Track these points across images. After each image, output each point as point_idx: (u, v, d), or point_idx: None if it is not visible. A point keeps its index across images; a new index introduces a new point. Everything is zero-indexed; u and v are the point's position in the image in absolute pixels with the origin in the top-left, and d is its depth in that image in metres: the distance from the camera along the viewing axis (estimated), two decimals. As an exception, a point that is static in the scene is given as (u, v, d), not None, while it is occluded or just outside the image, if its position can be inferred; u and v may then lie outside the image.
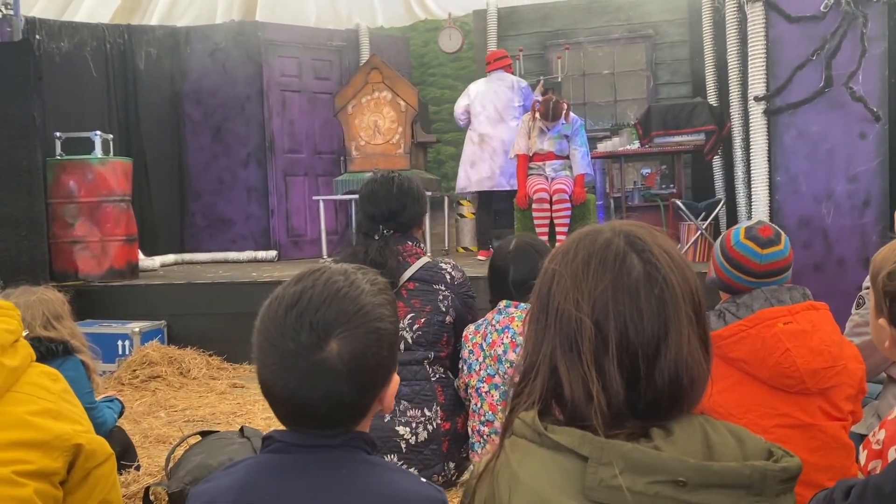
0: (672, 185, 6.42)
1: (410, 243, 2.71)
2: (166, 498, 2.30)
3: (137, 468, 2.83)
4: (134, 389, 4.34)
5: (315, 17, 7.74)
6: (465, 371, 2.56)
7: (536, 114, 5.56)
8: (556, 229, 5.38)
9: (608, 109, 7.69)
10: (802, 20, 4.49)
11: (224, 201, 7.20)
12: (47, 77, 5.67)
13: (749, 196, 4.94)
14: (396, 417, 2.54)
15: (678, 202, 5.66)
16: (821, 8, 4.45)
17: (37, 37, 6.08)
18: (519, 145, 5.66)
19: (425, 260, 2.71)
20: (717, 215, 5.53)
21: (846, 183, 4.52)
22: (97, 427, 2.27)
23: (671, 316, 0.88)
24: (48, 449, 1.27)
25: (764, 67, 4.63)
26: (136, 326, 4.85)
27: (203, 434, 2.71)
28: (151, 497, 2.35)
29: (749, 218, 5.06)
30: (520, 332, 2.33)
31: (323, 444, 1.06)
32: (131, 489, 2.60)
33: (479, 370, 2.51)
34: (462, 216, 7.38)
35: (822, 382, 1.78)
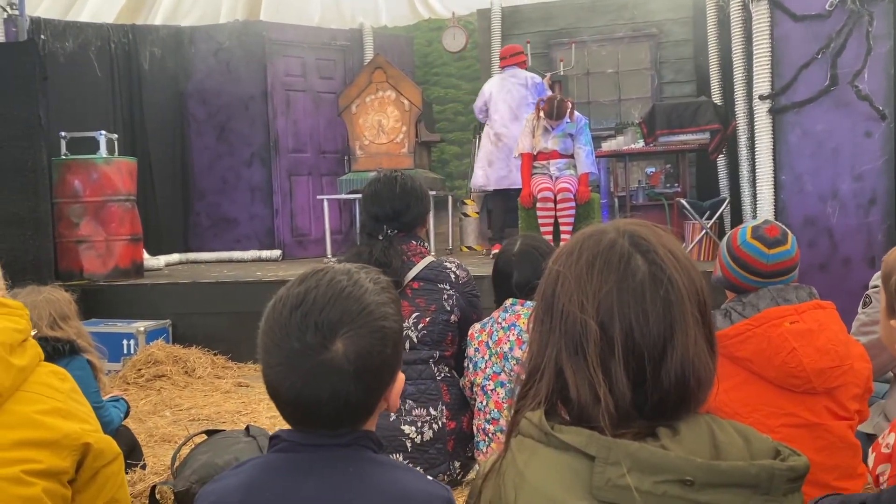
0: (676, 184, 6.41)
1: (415, 243, 2.71)
2: (172, 497, 2.30)
3: (143, 467, 2.84)
4: (139, 388, 4.35)
5: (319, 16, 7.74)
6: (471, 369, 2.56)
7: (541, 112, 5.56)
8: (561, 228, 5.38)
9: (612, 108, 7.68)
10: (808, 18, 4.48)
11: (228, 201, 7.21)
12: (52, 77, 5.68)
13: (754, 195, 4.93)
14: (402, 416, 2.55)
15: (683, 201, 5.66)
16: (826, 6, 4.44)
17: (41, 36, 6.09)
18: (523, 144, 5.67)
19: (430, 259, 2.71)
20: (721, 214, 5.53)
21: (851, 182, 4.51)
22: (104, 426, 2.27)
23: (677, 317, 0.88)
24: (57, 448, 1.28)
25: (769, 66, 4.61)
26: (141, 326, 4.86)
27: (209, 433, 2.71)
28: (157, 496, 2.35)
29: (754, 217, 5.05)
30: (526, 330, 2.33)
31: (330, 444, 1.06)
32: (137, 488, 2.61)
33: (485, 368, 2.51)
34: (466, 215, 7.38)
35: (828, 382, 1.78)
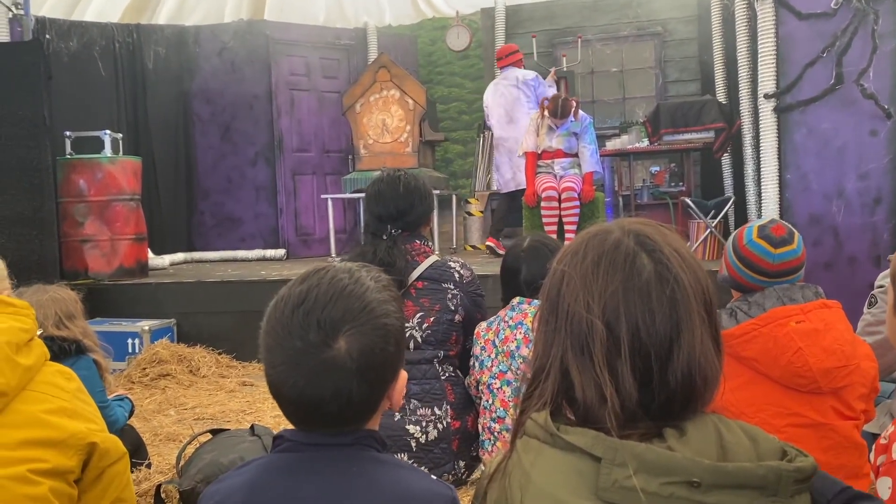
0: (681, 183, 6.40)
1: (419, 242, 2.70)
2: (178, 496, 2.31)
3: (148, 466, 2.84)
4: (144, 387, 4.35)
5: (323, 16, 7.75)
6: (477, 367, 2.56)
7: (545, 111, 5.55)
8: (565, 227, 5.38)
9: (617, 107, 7.67)
10: (813, 17, 4.47)
11: (233, 200, 7.22)
12: (56, 76, 5.69)
13: (759, 194, 4.92)
14: (406, 416, 2.54)
15: (687, 200, 5.65)
16: (831, 5, 4.42)
17: (46, 36, 6.11)
18: (527, 143, 5.66)
19: (434, 259, 2.71)
20: (726, 213, 5.51)
21: (857, 180, 4.49)
22: (109, 426, 2.28)
23: (683, 316, 0.87)
24: (63, 447, 1.28)
25: (774, 64, 4.60)
26: (145, 325, 4.87)
27: (213, 432, 2.72)
28: (163, 495, 2.36)
29: (759, 216, 5.04)
30: (533, 329, 2.33)
31: (333, 443, 1.06)
32: (142, 487, 2.61)
33: (491, 366, 2.51)
34: (470, 214, 7.38)
35: (834, 382, 1.77)
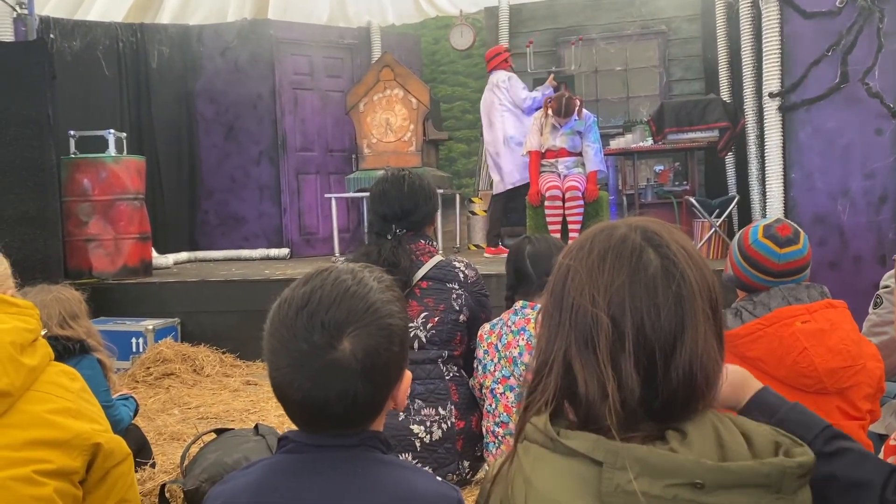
0: (685, 182, 6.39)
1: (423, 242, 2.70)
2: (182, 495, 2.31)
3: (152, 465, 2.85)
4: (148, 387, 4.36)
5: (327, 15, 7.75)
6: (480, 371, 2.55)
7: (549, 110, 5.54)
8: (569, 227, 5.37)
9: (621, 106, 7.66)
10: (818, 16, 4.46)
11: (236, 199, 7.23)
12: (60, 76, 5.70)
13: (763, 193, 4.91)
14: (411, 416, 2.54)
15: (692, 199, 5.64)
16: (836, 3, 4.41)
17: (51, 35, 6.11)
18: (531, 142, 5.65)
19: (438, 258, 2.70)
20: (730, 213, 5.50)
21: (862, 179, 4.48)
22: (114, 425, 2.28)
23: (688, 312, 0.87)
24: (68, 448, 1.28)
25: (779, 63, 4.59)
26: (149, 324, 4.87)
27: (218, 432, 2.72)
28: (167, 494, 2.36)
29: (763, 215, 5.03)
30: (536, 326, 2.32)
31: (338, 444, 1.06)
32: (147, 486, 2.62)
33: (494, 371, 2.50)
34: (474, 213, 7.38)
35: (840, 382, 1.76)
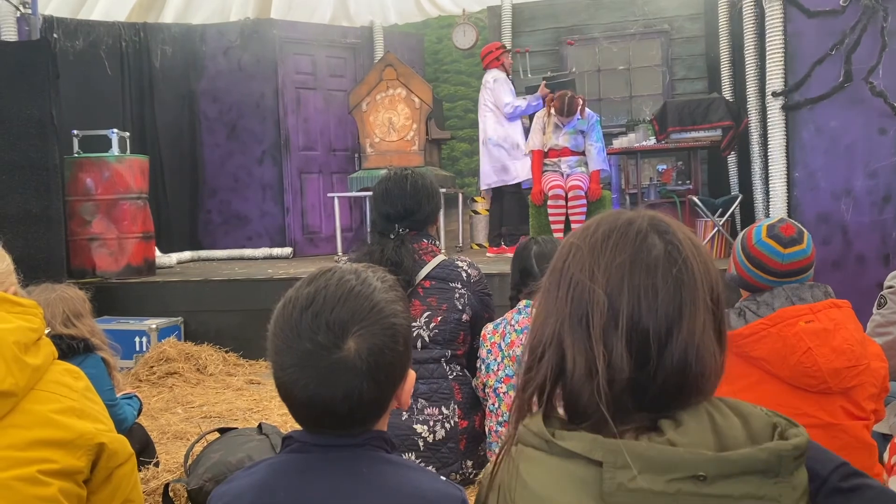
0: (688, 182, 6.38)
1: (426, 241, 2.70)
2: (186, 495, 2.31)
3: (156, 465, 2.85)
4: (151, 386, 4.36)
5: (330, 14, 7.75)
6: (484, 371, 2.55)
7: (552, 109, 5.53)
8: (572, 226, 5.36)
9: (623, 105, 7.65)
10: (821, 14, 4.45)
11: (239, 198, 7.23)
12: (63, 75, 5.70)
13: (766, 192, 4.90)
14: (414, 416, 2.54)
15: (694, 198, 5.63)
16: (840, 2, 4.40)
17: (54, 35, 6.12)
18: (534, 141, 5.64)
19: (441, 258, 2.70)
20: (733, 212, 5.50)
21: (865, 179, 4.47)
22: (118, 424, 2.29)
23: (687, 299, 0.85)
24: (72, 448, 1.28)
25: (782, 62, 4.58)
26: (153, 323, 4.88)
27: (221, 431, 2.72)
28: (171, 494, 2.36)
29: (766, 214, 5.02)
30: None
31: (342, 444, 1.07)
32: (150, 486, 2.62)
33: (497, 370, 2.50)
34: (476, 213, 7.38)
35: (844, 382, 1.76)
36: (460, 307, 2.64)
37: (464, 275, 2.68)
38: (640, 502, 0.79)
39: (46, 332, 1.41)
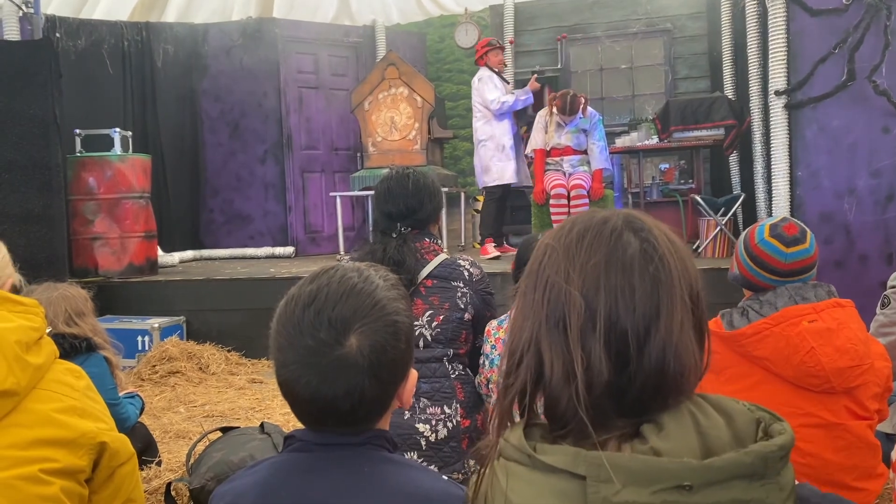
0: (691, 181, 6.37)
1: (428, 240, 2.69)
2: (188, 494, 2.31)
3: (158, 464, 2.85)
4: (153, 385, 4.37)
5: (332, 13, 7.75)
6: (487, 366, 2.55)
7: (554, 108, 5.53)
8: (574, 226, 5.35)
9: (626, 104, 7.64)
10: (824, 13, 4.44)
11: (242, 198, 7.24)
12: (65, 75, 5.71)
13: (769, 191, 4.89)
14: (416, 415, 2.54)
15: (697, 197, 5.62)
16: (843, 0, 4.39)
17: (56, 34, 6.12)
18: (536, 140, 5.64)
19: (443, 257, 2.69)
20: (736, 211, 5.49)
21: (868, 178, 4.46)
22: (120, 423, 2.29)
23: (664, 297, 0.84)
24: (74, 447, 1.28)
25: (785, 61, 4.57)
26: (155, 322, 4.89)
27: (223, 430, 2.72)
28: (173, 493, 2.36)
29: (769, 213, 5.01)
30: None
31: (344, 443, 1.06)
32: (153, 485, 2.62)
33: (501, 366, 2.50)
34: (478, 211, 7.37)
35: (848, 381, 1.75)
36: (462, 306, 2.63)
37: (466, 274, 2.67)
38: None
39: (48, 331, 1.41)
